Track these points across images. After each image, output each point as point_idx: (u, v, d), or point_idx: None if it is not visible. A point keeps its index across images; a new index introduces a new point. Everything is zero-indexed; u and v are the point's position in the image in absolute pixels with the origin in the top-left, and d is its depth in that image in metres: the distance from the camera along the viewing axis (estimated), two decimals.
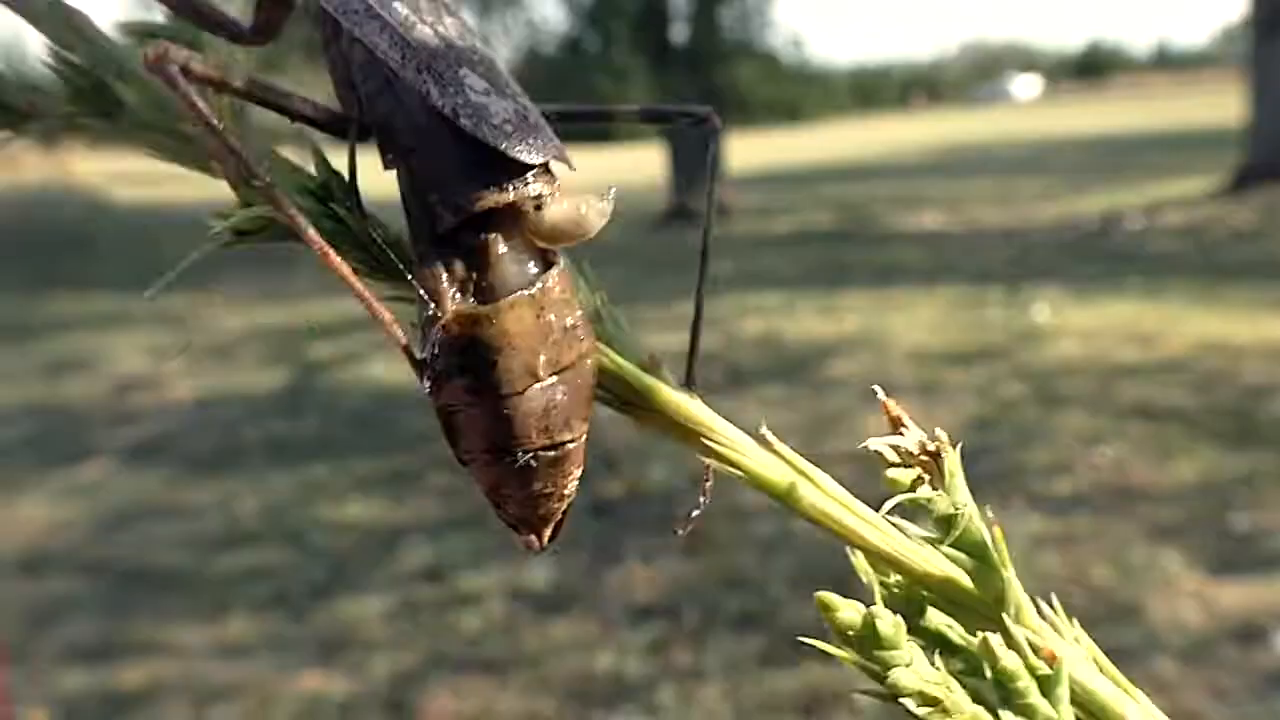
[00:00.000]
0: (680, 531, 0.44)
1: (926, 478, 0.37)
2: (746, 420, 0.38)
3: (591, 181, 0.38)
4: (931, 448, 0.37)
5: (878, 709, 2.25)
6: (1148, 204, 9.53)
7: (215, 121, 0.33)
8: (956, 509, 0.37)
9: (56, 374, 5.97)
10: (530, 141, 0.35)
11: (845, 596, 0.37)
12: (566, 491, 0.37)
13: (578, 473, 0.38)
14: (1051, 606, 0.38)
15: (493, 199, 0.35)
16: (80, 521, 3.67)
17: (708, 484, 0.42)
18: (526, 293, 0.35)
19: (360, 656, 2.66)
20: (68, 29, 0.38)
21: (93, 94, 0.38)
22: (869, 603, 0.36)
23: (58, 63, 0.38)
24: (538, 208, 0.36)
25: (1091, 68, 71.40)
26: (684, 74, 12.66)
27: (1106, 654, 0.40)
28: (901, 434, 0.38)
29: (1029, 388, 4.37)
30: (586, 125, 0.47)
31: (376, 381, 5.22)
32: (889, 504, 0.36)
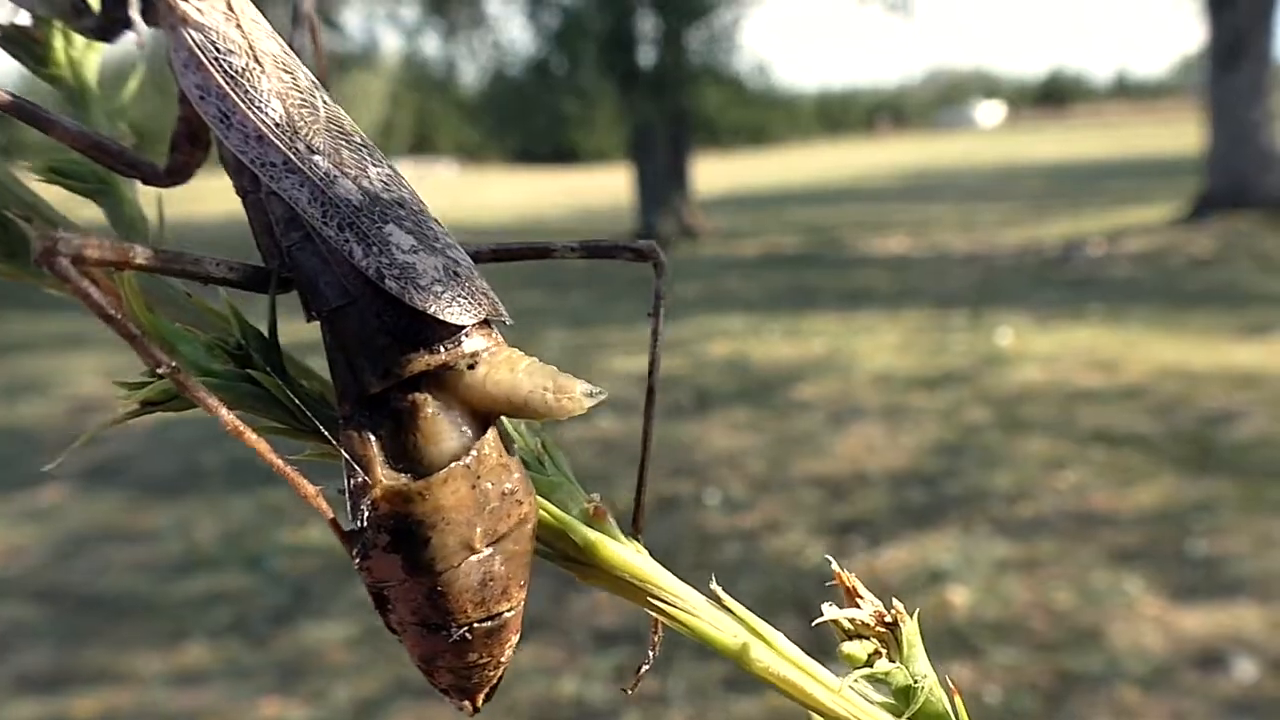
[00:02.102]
0: (629, 690, 0.42)
1: (884, 650, 0.36)
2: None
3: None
4: (889, 619, 0.36)
5: None
6: (1108, 231, 9.66)
7: (112, 313, 0.31)
8: (915, 681, 0.35)
9: (11, 396, 5.87)
10: (461, 301, 0.34)
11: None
12: (503, 659, 0.36)
13: (515, 639, 0.36)
14: None
15: (423, 362, 0.33)
16: (34, 546, 3.60)
17: (656, 638, 0.40)
18: (461, 463, 0.33)
19: (321, 683, 2.62)
20: None
21: None
22: None
23: None
24: (470, 366, 0.34)
25: (1053, 95, 72.45)
26: (651, 97, 12.71)
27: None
28: (858, 606, 0.37)
29: (992, 412, 4.40)
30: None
31: None
32: (848, 679, 0.35)
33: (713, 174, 19.42)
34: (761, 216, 14.17)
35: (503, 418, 0.35)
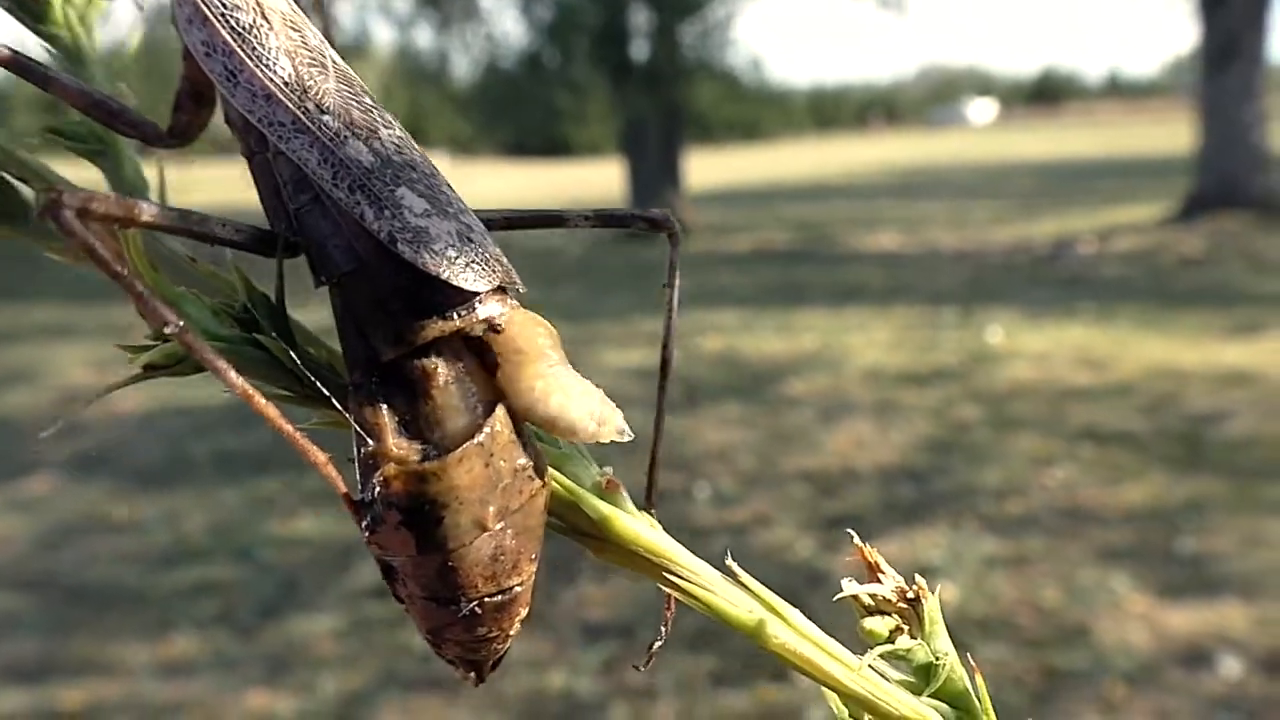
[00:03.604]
0: (642, 667, 0.42)
1: (905, 626, 0.35)
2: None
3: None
4: (911, 594, 0.35)
5: None
6: (1099, 229, 9.68)
7: (119, 268, 0.30)
8: (937, 658, 0.35)
9: None
10: (475, 266, 0.33)
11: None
12: (511, 632, 0.35)
13: (524, 612, 0.35)
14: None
15: (436, 328, 0.33)
16: (20, 536, 3.59)
17: (669, 614, 0.40)
18: (475, 441, 0.32)
19: (309, 675, 2.61)
20: None
21: None
22: None
23: None
24: (493, 330, 0.33)
25: (1045, 94, 72.59)
26: (644, 91, 12.70)
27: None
28: (879, 580, 0.36)
29: (982, 409, 4.41)
30: (535, 223, 0.43)
31: None
32: (869, 656, 0.34)
33: (705, 169, 19.41)
34: (753, 212, 14.17)
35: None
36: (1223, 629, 2.57)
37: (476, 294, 0.33)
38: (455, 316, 0.33)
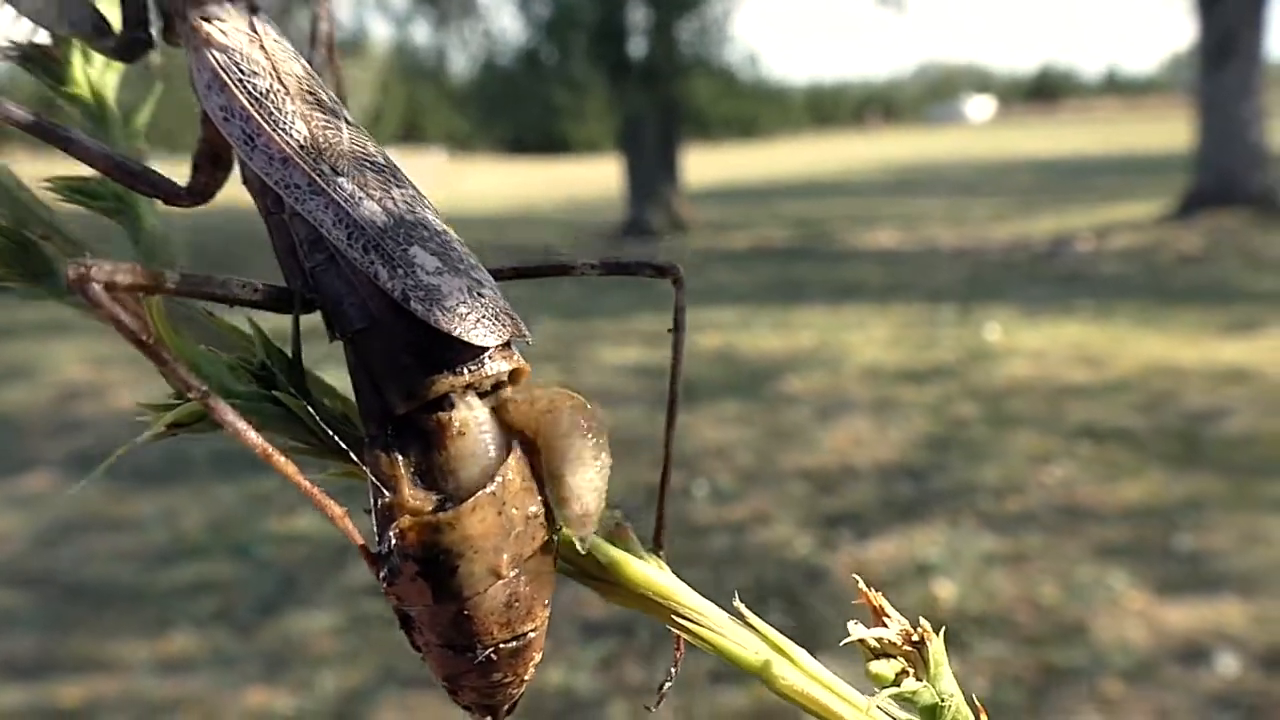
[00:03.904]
0: (653, 707, 0.42)
1: (910, 669, 0.36)
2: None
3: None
4: (915, 637, 0.36)
5: None
6: (1097, 227, 9.68)
7: (144, 338, 0.31)
8: (942, 699, 0.35)
9: None
10: (485, 322, 0.34)
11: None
12: (527, 677, 0.36)
13: (539, 657, 0.36)
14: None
15: (447, 383, 0.33)
16: (18, 534, 3.58)
17: (679, 655, 0.41)
18: (488, 490, 0.33)
19: (308, 672, 2.61)
20: None
21: (19, 255, 0.36)
22: None
23: None
24: (498, 386, 0.34)
25: (1043, 91, 72.62)
26: (641, 88, 12.69)
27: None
28: (885, 624, 0.37)
29: (980, 407, 4.41)
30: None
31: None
32: (875, 700, 0.35)
33: (703, 166, 19.41)
34: (751, 209, 14.17)
35: (517, 444, 0.35)
36: (1220, 626, 2.57)
37: (486, 349, 0.34)
38: (465, 371, 0.34)
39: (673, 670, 0.41)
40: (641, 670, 2.53)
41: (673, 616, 0.37)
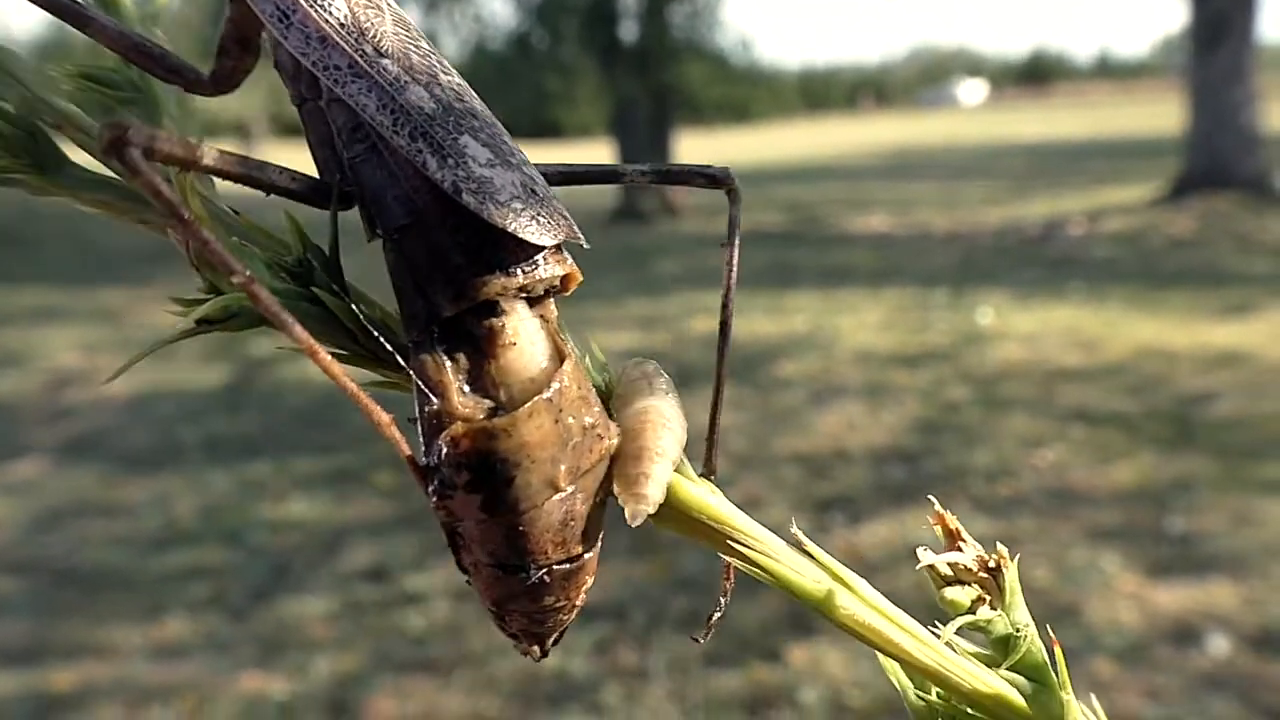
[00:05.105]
0: (702, 640, 0.39)
1: (985, 596, 0.34)
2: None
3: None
4: (991, 563, 0.34)
5: (824, 707, 2.25)
6: (1089, 211, 9.69)
7: (185, 213, 0.29)
8: (1017, 629, 0.34)
9: None
10: (541, 220, 0.32)
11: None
12: (578, 603, 0.34)
13: (590, 581, 0.34)
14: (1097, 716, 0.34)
15: (499, 284, 0.31)
16: (10, 520, 3.58)
17: (729, 585, 0.38)
18: (544, 396, 0.31)
19: (302, 657, 2.62)
20: None
21: (26, 143, 0.34)
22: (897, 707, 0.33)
23: None
24: (551, 291, 0.32)
25: (1035, 74, 72.57)
26: (633, 73, 12.65)
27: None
28: (959, 549, 0.34)
29: (972, 391, 4.42)
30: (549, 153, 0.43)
31: (319, 379, 5.14)
32: (951, 627, 0.33)
33: (695, 150, 19.37)
34: (744, 193, 14.10)
35: (572, 347, 0.33)
36: (1211, 607, 2.59)
37: (541, 249, 0.32)
38: (519, 273, 0.32)
39: (722, 601, 0.38)
40: (636, 654, 2.54)
41: (727, 542, 0.34)
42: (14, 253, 10.33)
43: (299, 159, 0.38)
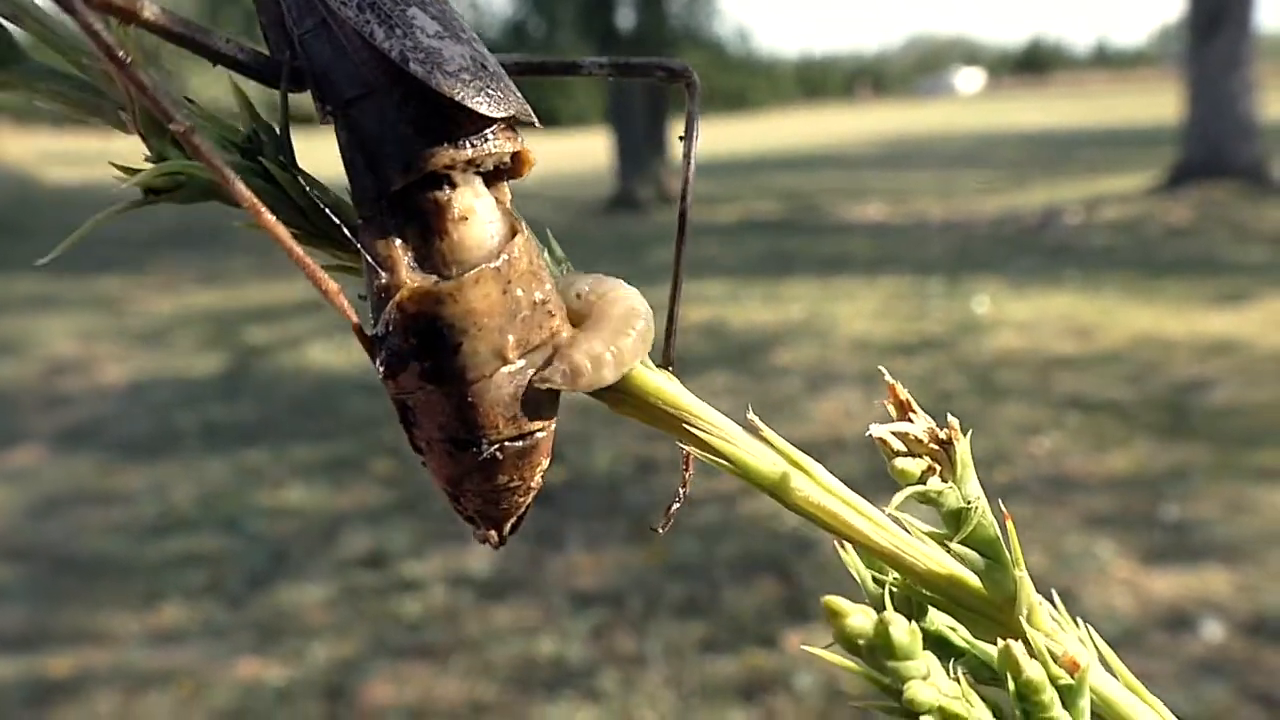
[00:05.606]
0: (660, 529, 0.39)
1: (936, 468, 0.33)
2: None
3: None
4: (943, 435, 0.33)
5: (819, 695, 2.26)
6: (1086, 199, 9.69)
7: (122, 54, 0.28)
8: (968, 502, 0.33)
9: None
10: (490, 92, 0.31)
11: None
12: (533, 484, 0.34)
13: (546, 463, 0.34)
14: (1054, 603, 0.34)
15: (448, 156, 0.31)
16: (8, 507, 3.58)
17: (688, 474, 0.38)
18: (492, 265, 0.31)
19: (299, 644, 2.62)
20: None
21: None
22: (865, 602, 0.32)
23: None
24: (503, 169, 0.31)
25: (1033, 63, 72.48)
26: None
27: None
28: (910, 419, 0.34)
29: (969, 378, 4.43)
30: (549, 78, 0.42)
31: (316, 366, 5.16)
32: (899, 497, 0.32)
33: None
34: (740, 182, 14.14)
35: (525, 226, 0.33)
36: (1206, 594, 2.60)
37: (491, 122, 0.32)
38: (468, 146, 0.31)
39: (681, 492, 0.38)
40: (632, 639, 2.55)
41: (684, 427, 0.34)
42: (9, 240, 10.31)
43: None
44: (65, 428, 4.39)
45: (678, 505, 0.38)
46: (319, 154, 0.36)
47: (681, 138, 0.38)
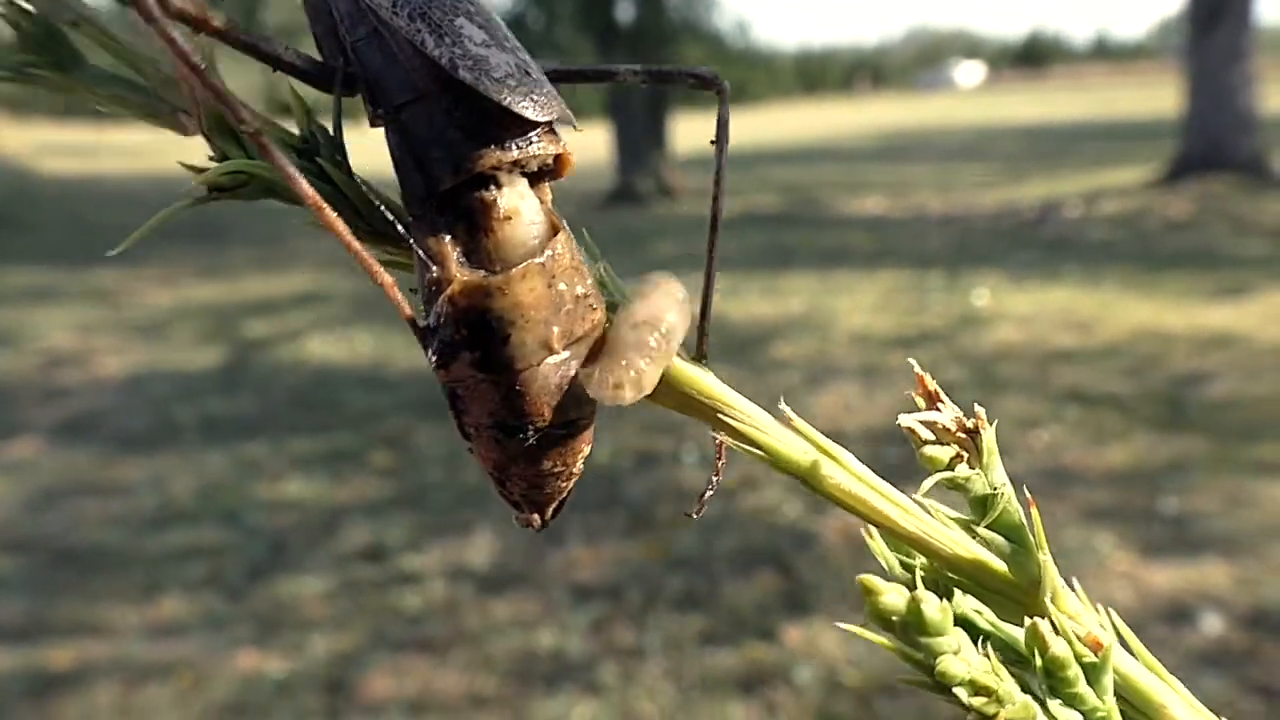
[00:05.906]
0: (695, 514, 0.41)
1: (964, 455, 0.34)
2: None
3: None
4: (969, 424, 0.35)
5: (819, 686, 2.26)
6: (1085, 193, 9.68)
7: (198, 60, 0.30)
8: (995, 489, 0.34)
9: None
10: (534, 97, 0.33)
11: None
12: (575, 470, 0.36)
13: (588, 450, 0.36)
14: (1074, 588, 0.36)
15: (495, 157, 0.33)
16: (7, 499, 3.58)
17: (720, 462, 0.39)
18: (538, 260, 0.33)
19: (299, 636, 2.62)
20: None
21: (45, 41, 0.35)
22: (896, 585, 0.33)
23: (5, 8, 0.34)
24: (546, 170, 0.34)
25: (1033, 56, 72.41)
26: (629, 54, 12.59)
27: None
28: (938, 409, 0.35)
29: (968, 371, 4.43)
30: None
31: (315, 359, 5.15)
32: (928, 483, 0.34)
33: (692, 132, 19.30)
34: (740, 176, 14.12)
35: (565, 224, 0.35)
36: (1205, 587, 2.60)
37: (535, 125, 0.34)
38: (513, 148, 0.33)
39: (715, 479, 0.40)
40: (632, 633, 2.55)
41: (718, 416, 0.36)
42: (7, 232, 10.30)
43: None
44: (64, 420, 4.39)
45: (711, 492, 0.40)
46: (360, 155, 0.37)
47: (713, 142, 0.40)
